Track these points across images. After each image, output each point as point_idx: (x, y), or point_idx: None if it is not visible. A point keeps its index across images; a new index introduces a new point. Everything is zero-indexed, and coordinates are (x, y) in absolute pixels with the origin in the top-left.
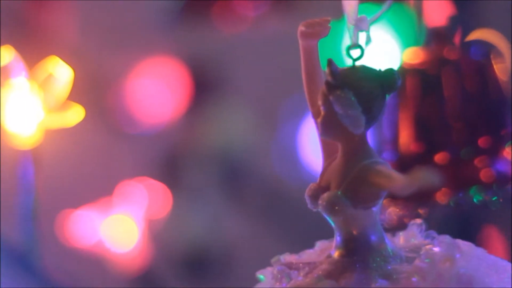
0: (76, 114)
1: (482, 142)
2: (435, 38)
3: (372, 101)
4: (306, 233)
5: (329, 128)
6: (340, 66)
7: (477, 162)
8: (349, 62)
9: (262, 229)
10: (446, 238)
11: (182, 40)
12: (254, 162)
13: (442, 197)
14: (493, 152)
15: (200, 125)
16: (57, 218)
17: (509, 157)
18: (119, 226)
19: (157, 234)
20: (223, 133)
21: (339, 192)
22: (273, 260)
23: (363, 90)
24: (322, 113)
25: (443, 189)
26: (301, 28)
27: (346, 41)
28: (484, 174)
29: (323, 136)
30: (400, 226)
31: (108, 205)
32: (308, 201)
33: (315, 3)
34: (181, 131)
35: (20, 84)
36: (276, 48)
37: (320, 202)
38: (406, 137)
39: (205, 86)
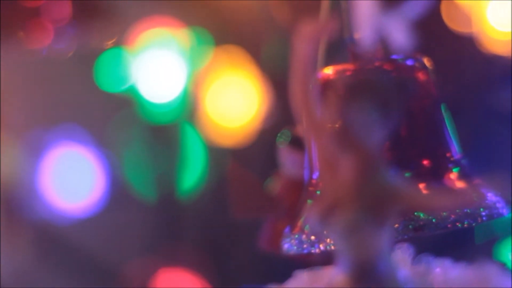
0: None
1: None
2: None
3: (389, 107)
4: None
5: (343, 139)
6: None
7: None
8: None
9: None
10: (448, 261)
11: None
12: (26, 197)
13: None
14: (436, 175)
15: None
16: None
17: (452, 182)
18: None
19: None
20: None
21: (359, 210)
22: None
23: (379, 96)
24: (333, 124)
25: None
26: (307, 29)
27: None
28: None
29: (335, 149)
30: None
31: None
32: (313, 221)
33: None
34: None
35: None
36: (49, 71)
37: (335, 221)
38: None
39: None
